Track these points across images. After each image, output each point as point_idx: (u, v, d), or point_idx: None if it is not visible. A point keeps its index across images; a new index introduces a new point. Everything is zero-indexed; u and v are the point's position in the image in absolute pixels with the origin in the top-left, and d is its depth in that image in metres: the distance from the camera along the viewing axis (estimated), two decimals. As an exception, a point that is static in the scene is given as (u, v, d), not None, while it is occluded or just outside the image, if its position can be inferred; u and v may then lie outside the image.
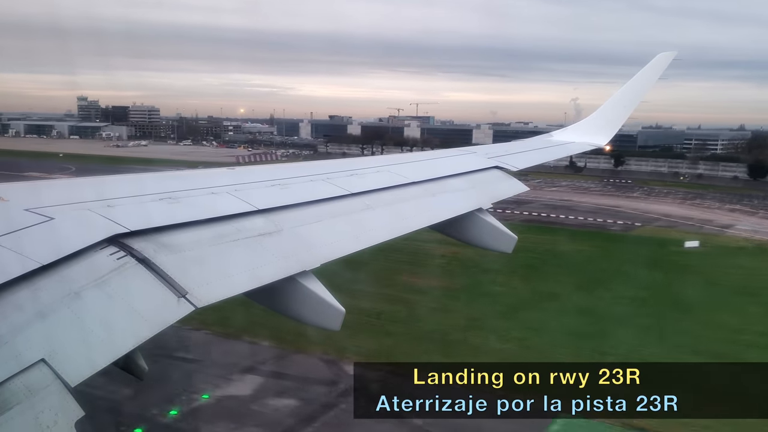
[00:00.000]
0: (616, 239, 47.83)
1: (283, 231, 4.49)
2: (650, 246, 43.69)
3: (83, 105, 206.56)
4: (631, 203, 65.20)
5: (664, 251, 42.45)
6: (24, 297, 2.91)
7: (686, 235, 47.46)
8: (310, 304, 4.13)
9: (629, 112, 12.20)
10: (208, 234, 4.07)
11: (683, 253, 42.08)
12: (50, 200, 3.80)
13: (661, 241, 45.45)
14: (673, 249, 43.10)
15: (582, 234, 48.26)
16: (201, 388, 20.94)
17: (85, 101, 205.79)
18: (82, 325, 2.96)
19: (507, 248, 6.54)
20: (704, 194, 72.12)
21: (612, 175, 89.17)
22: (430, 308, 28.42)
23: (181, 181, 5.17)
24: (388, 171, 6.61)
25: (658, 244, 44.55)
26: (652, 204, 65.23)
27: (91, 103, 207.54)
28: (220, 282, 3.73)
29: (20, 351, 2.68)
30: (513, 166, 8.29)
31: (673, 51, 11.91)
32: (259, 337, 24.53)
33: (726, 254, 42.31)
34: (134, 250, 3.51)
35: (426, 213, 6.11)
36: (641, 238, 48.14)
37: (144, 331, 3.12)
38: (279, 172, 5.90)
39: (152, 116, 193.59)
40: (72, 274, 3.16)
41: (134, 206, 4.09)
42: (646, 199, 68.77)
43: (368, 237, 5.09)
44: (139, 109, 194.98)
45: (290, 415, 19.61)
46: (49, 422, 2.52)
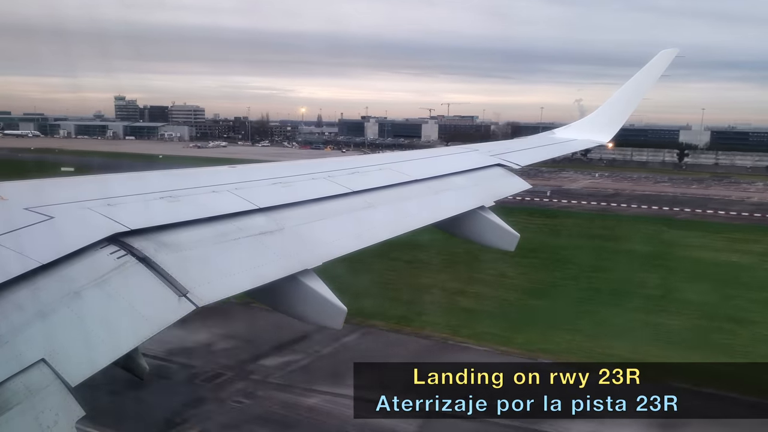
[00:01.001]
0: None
1: (284, 230, 4.47)
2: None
3: (121, 105, 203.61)
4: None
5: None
6: (24, 296, 2.89)
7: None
8: (312, 303, 4.12)
9: (632, 110, 12.17)
10: (209, 233, 4.05)
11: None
12: (50, 199, 3.77)
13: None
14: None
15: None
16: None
17: (123, 101, 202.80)
18: (82, 324, 2.95)
19: (509, 246, 6.52)
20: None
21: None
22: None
23: (182, 179, 5.15)
24: (390, 169, 6.59)
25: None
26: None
27: (129, 103, 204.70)
28: (221, 281, 3.71)
29: (20, 351, 2.66)
30: (515, 164, 8.27)
31: (675, 48, 11.87)
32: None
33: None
34: (135, 249, 3.49)
35: (428, 211, 6.09)
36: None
37: (144, 331, 3.10)
38: (281, 171, 5.88)
39: (197, 116, 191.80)
40: (72, 274, 3.15)
41: (135, 205, 4.07)
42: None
43: (370, 235, 5.07)
44: (181, 109, 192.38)
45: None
46: (50, 422, 2.51)
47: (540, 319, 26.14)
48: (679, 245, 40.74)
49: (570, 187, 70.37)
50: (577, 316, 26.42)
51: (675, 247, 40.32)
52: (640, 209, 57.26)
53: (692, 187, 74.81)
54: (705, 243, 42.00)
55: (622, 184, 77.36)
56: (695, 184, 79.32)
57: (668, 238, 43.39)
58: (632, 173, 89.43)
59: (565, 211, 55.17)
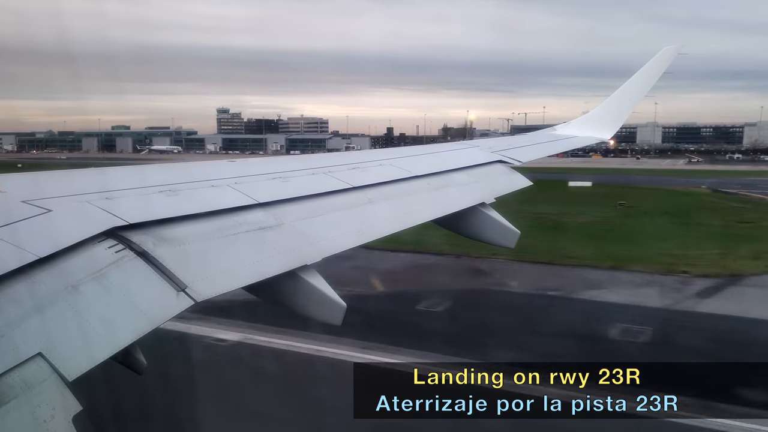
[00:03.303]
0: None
1: (284, 225, 4.45)
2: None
3: (226, 118, 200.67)
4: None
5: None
6: (21, 290, 2.87)
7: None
8: (311, 298, 4.10)
9: (634, 107, 12.14)
10: (208, 227, 4.03)
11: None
12: (48, 192, 3.75)
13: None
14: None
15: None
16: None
17: (226, 113, 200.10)
18: (79, 318, 2.92)
19: (510, 243, 6.50)
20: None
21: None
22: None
23: (181, 173, 5.12)
24: (391, 164, 6.56)
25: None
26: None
27: (234, 116, 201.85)
28: (220, 276, 3.69)
29: (17, 344, 2.64)
30: (516, 160, 8.24)
31: (678, 45, 11.83)
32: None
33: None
34: (133, 243, 3.47)
35: (429, 207, 6.06)
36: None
37: (143, 325, 3.08)
38: (280, 166, 5.85)
39: (322, 129, 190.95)
40: (70, 267, 3.12)
41: (133, 199, 4.05)
42: None
43: (370, 231, 5.05)
44: (305, 120, 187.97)
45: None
46: (47, 416, 2.49)
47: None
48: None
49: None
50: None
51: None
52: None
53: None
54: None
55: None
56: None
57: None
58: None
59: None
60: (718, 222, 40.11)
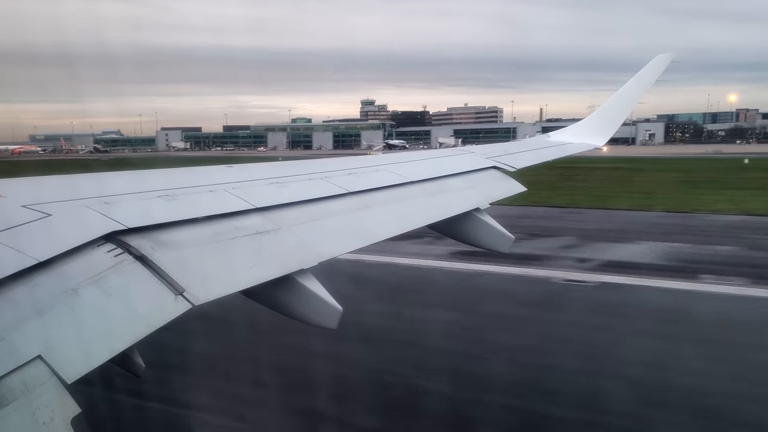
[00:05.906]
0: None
1: (281, 229, 4.48)
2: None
3: (371, 110, 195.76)
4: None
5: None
6: (20, 293, 2.89)
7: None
8: (308, 302, 4.13)
9: (627, 114, 12.28)
10: (206, 232, 4.06)
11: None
12: (47, 197, 3.77)
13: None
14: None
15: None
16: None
17: (372, 105, 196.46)
18: (78, 321, 2.95)
19: (504, 248, 6.56)
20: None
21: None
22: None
23: (180, 178, 5.16)
24: (387, 170, 6.61)
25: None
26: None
27: (381, 108, 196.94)
28: (218, 280, 3.72)
29: (17, 347, 2.66)
30: (510, 167, 8.31)
31: (671, 53, 11.97)
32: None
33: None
34: (132, 248, 3.50)
35: (424, 212, 6.11)
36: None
37: (141, 329, 3.11)
38: (277, 171, 5.89)
39: (490, 118, 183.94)
40: (69, 271, 3.15)
41: (132, 203, 4.08)
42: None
43: (366, 236, 5.09)
44: (465, 111, 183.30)
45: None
46: (46, 419, 2.51)
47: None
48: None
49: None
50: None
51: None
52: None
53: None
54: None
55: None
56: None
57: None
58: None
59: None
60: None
